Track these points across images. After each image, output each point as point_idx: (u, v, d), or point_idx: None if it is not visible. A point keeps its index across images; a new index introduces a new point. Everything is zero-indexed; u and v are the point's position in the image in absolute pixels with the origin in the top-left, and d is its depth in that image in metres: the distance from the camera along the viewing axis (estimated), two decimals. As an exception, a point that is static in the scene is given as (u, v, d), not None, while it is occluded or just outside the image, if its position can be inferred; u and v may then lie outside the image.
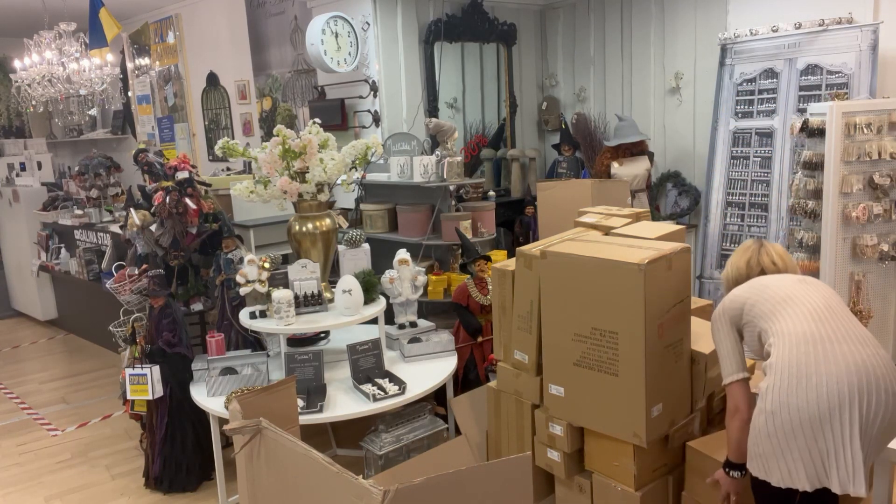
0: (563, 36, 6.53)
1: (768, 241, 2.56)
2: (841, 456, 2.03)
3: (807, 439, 2.06)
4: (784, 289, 2.30)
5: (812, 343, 2.13)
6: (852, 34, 4.51)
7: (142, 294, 3.89)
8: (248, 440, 1.88)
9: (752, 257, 2.50)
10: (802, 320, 2.18)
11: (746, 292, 2.35)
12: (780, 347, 2.16)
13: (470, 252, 4.03)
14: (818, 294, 2.27)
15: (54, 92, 6.22)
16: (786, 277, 2.38)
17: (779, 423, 2.09)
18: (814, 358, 2.10)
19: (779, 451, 2.10)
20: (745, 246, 2.56)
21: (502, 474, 1.58)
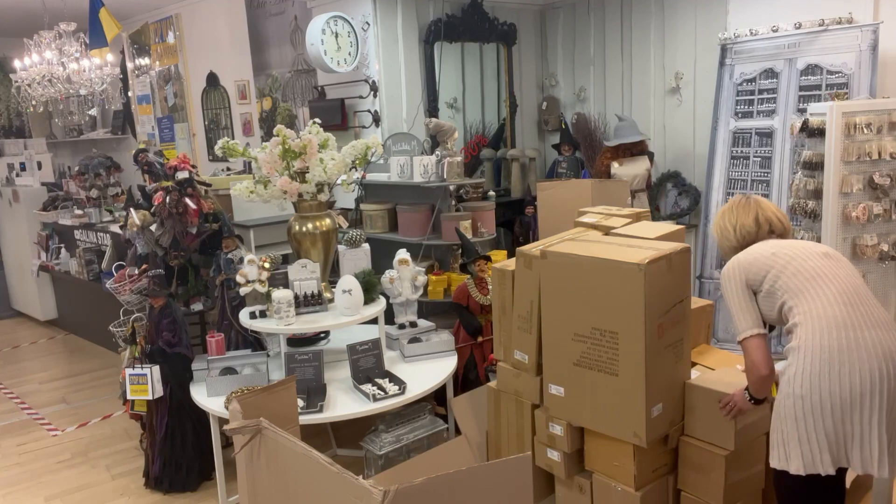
0: (563, 36, 6.53)
1: (754, 195, 2.52)
2: (867, 439, 2.10)
3: (835, 423, 2.11)
4: (811, 263, 2.25)
5: (843, 328, 2.14)
6: (852, 34, 4.50)
7: (142, 294, 3.89)
8: (248, 440, 1.88)
9: (758, 214, 2.43)
10: (833, 303, 2.18)
11: (770, 259, 2.28)
12: (811, 331, 2.17)
13: (470, 252, 4.03)
14: (844, 273, 2.26)
15: (54, 92, 6.21)
16: (809, 248, 2.32)
17: (808, 407, 2.13)
18: (846, 344, 2.13)
19: (804, 435, 2.14)
20: (738, 203, 2.48)
21: (502, 474, 1.58)
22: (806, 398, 2.14)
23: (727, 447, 2.55)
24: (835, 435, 2.12)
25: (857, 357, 2.12)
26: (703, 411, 2.61)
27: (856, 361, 2.11)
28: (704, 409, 2.60)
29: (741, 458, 2.60)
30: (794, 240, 2.40)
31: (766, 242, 2.37)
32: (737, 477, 2.60)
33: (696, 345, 3.12)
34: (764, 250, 2.32)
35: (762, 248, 2.34)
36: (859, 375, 2.10)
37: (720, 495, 2.57)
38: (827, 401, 2.11)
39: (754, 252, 2.34)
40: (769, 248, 2.33)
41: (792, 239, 2.43)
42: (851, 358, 2.12)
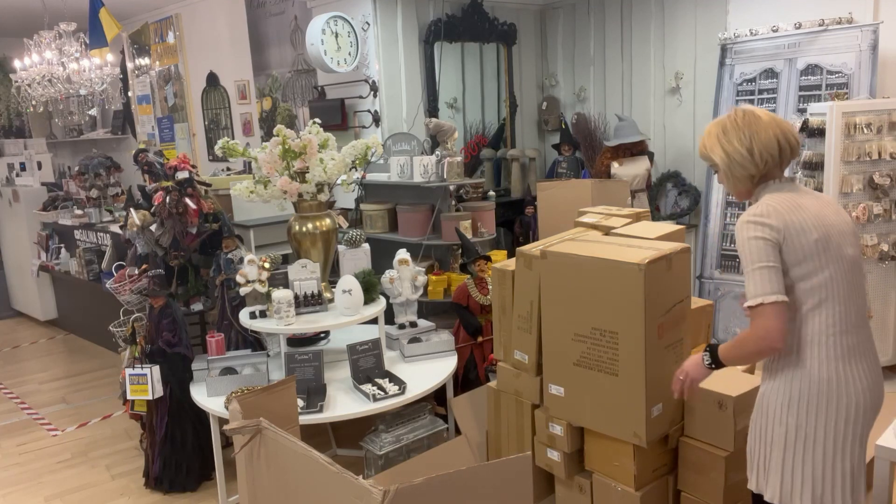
0: (563, 36, 6.53)
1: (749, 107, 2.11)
2: (848, 476, 1.98)
3: (825, 458, 1.97)
4: (845, 272, 1.96)
5: (845, 359, 1.96)
6: (852, 34, 4.51)
7: (142, 294, 3.89)
8: (248, 440, 1.88)
9: (777, 132, 2.01)
10: (844, 330, 1.96)
11: (814, 247, 1.93)
12: (817, 357, 1.96)
13: (470, 252, 4.03)
14: (860, 282, 2.01)
15: (54, 92, 6.21)
16: (824, 209, 1.99)
17: (801, 438, 1.97)
18: (844, 378, 1.96)
19: (789, 466, 2.00)
20: (745, 118, 2.04)
21: (502, 474, 1.58)
22: (801, 428, 1.97)
23: (727, 448, 2.55)
24: (821, 471, 1.97)
25: (853, 391, 1.96)
26: (702, 412, 2.61)
27: (852, 396, 1.96)
28: (704, 410, 2.60)
29: (741, 459, 2.60)
30: (825, 204, 2.03)
31: (803, 208, 1.96)
32: (737, 477, 2.60)
33: (696, 345, 3.12)
34: (807, 224, 1.93)
35: (805, 220, 1.94)
36: (854, 412, 1.96)
37: (720, 495, 2.57)
38: (821, 434, 1.95)
39: (799, 218, 1.93)
40: (813, 229, 1.94)
41: (813, 192, 2.09)
42: (849, 392, 1.96)
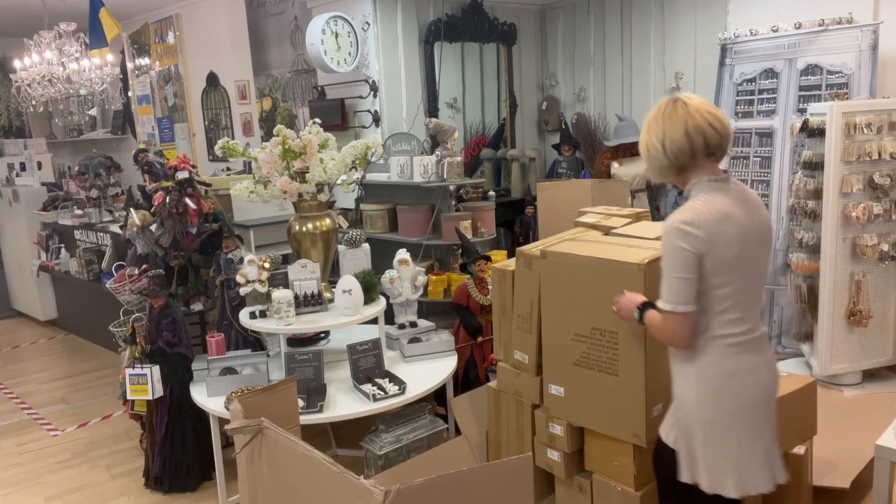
0: (563, 36, 6.53)
1: (683, 95, 2.07)
2: (763, 455, 2.10)
3: (740, 445, 2.06)
4: (742, 247, 1.99)
5: (748, 353, 2.06)
6: (852, 34, 4.51)
7: (142, 294, 3.89)
8: (249, 440, 1.88)
9: (687, 123, 1.99)
10: (741, 317, 2.04)
11: (733, 262, 1.98)
12: (720, 350, 2.05)
13: (470, 252, 4.03)
14: (758, 256, 2.07)
15: (54, 92, 6.21)
16: (748, 214, 2.03)
17: (718, 430, 2.06)
18: (748, 370, 2.06)
19: (712, 458, 2.07)
20: (664, 110, 2.04)
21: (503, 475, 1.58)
22: (717, 422, 2.05)
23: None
24: (739, 458, 2.06)
25: (756, 380, 2.07)
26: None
27: (758, 384, 2.07)
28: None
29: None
30: (749, 207, 2.05)
31: (731, 219, 1.98)
32: (737, 477, 2.60)
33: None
34: (732, 238, 1.98)
35: (731, 233, 1.97)
36: (754, 398, 2.06)
37: (720, 495, 2.56)
38: (734, 424, 2.04)
39: (726, 230, 1.97)
40: (736, 244, 1.98)
41: (736, 183, 2.09)
42: (754, 381, 2.06)
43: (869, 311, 4.13)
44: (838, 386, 4.25)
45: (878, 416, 3.52)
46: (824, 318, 4.15)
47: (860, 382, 4.27)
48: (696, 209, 1.98)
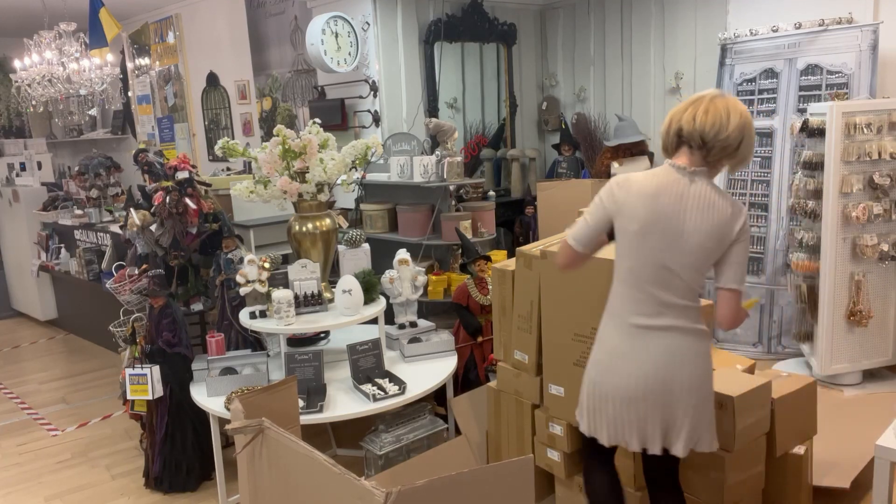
0: (563, 36, 6.53)
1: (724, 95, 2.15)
2: (635, 425, 2.22)
3: (616, 410, 2.23)
4: (644, 229, 2.13)
5: (635, 337, 2.19)
6: (852, 34, 4.51)
7: (142, 294, 3.89)
8: (250, 440, 1.88)
9: (684, 116, 2.14)
10: (633, 298, 2.18)
11: (621, 200, 2.17)
12: (611, 324, 2.24)
13: (470, 252, 4.03)
14: (676, 256, 2.13)
15: (54, 92, 6.21)
16: (683, 211, 2.11)
17: (597, 392, 2.26)
18: (632, 352, 2.19)
19: (593, 411, 2.29)
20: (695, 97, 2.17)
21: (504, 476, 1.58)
22: (598, 385, 2.24)
23: (727, 448, 2.55)
24: (615, 420, 2.22)
25: (637, 364, 2.17)
26: (703, 411, 2.61)
27: (638, 367, 2.17)
28: (705, 410, 2.60)
29: (741, 459, 2.61)
30: (704, 208, 2.12)
31: (655, 199, 2.13)
32: (737, 477, 2.60)
33: (697, 345, 3.12)
34: (638, 214, 2.13)
35: (640, 210, 2.13)
36: (633, 378, 2.17)
37: (720, 495, 2.57)
38: (612, 393, 2.20)
39: (639, 205, 2.13)
40: (637, 221, 2.14)
41: (705, 184, 2.14)
42: (635, 363, 2.17)
43: (869, 311, 4.13)
44: (838, 386, 4.25)
45: (878, 416, 3.52)
46: (824, 318, 4.16)
47: (860, 382, 4.27)
48: (634, 177, 2.18)
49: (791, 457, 2.84)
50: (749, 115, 2.13)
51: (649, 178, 2.16)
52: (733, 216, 2.11)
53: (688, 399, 2.17)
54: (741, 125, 2.09)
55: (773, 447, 2.76)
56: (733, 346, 4.87)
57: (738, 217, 2.12)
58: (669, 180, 2.15)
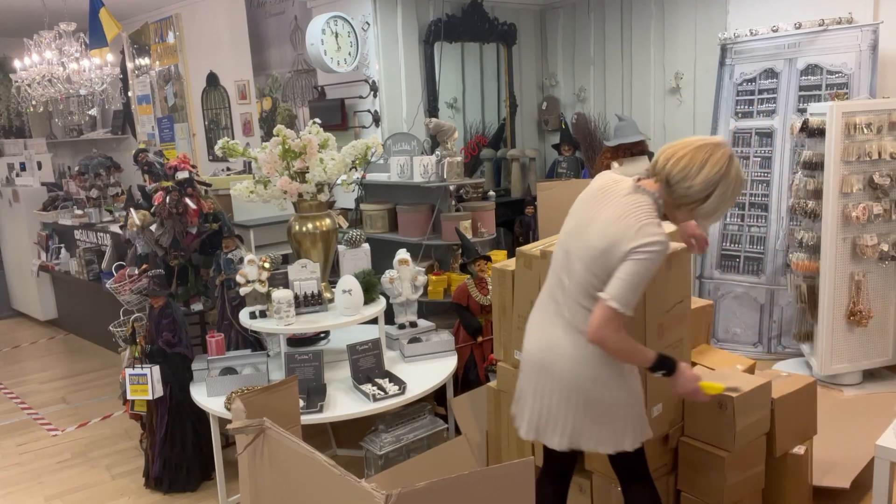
0: (563, 36, 6.53)
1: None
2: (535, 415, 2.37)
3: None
4: (565, 231, 2.34)
5: (529, 328, 2.40)
6: (852, 34, 4.51)
7: (142, 294, 3.89)
8: (251, 440, 1.88)
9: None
10: (541, 293, 2.38)
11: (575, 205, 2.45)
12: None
13: (470, 252, 4.03)
14: (575, 252, 2.25)
15: (54, 92, 6.21)
16: (600, 213, 2.20)
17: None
18: (525, 339, 2.41)
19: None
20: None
21: (505, 478, 1.58)
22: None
23: (727, 448, 2.55)
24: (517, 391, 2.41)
25: (525, 350, 2.37)
26: (703, 412, 2.61)
27: (525, 353, 2.36)
28: (704, 410, 2.60)
29: (741, 459, 2.61)
30: (606, 210, 2.21)
31: (587, 208, 2.29)
32: (737, 477, 2.60)
33: (696, 345, 3.13)
34: (569, 218, 2.38)
35: (573, 214, 2.37)
36: (526, 349, 2.37)
37: (720, 495, 2.57)
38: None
39: (574, 210, 2.37)
40: (567, 223, 2.38)
41: (628, 193, 2.21)
42: (524, 349, 2.38)
43: (869, 311, 4.13)
44: (838, 386, 4.25)
45: (878, 416, 3.53)
46: (824, 318, 4.16)
47: (860, 382, 4.27)
48: (605, 175, 2.34)
49: (791, 457, 2.84)
50: (733, 178, 2.09)
51: (602, 177, 2.32)
52: (634, 235, 2.06)
53: (559, 395, 2.23)
54: (711, 181, 2.07)
55: (773, 447, 2.77)
56: (733, 346, 4.88)
57: (635, 238, 2.06)
58: (616, 182, 2.24)
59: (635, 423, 2.27)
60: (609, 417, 2.23)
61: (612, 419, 2.23)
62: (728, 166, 2.09)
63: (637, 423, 2.27)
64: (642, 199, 2.15)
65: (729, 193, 2.11)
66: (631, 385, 2.26)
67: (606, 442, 2.25)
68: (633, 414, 2.26)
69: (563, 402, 2.23)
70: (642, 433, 2.29)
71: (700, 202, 2.11)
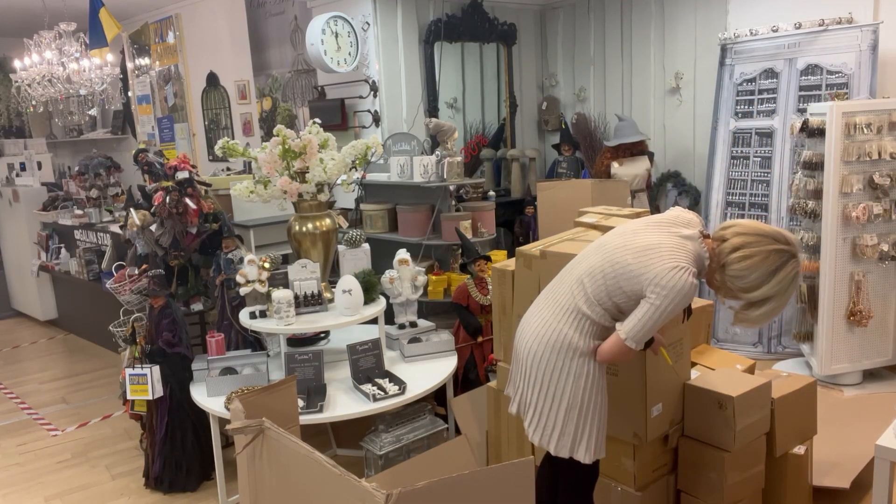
0: (563, 36, 6.53)
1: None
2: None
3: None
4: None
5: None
6: (852, 34, 4.51)
7: (142, 294, 3.89)
8: (250, 440, 1.88)
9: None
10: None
11: None
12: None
13: (470, 252, 4.03)
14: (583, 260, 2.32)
15: (54, 92, 6.21)
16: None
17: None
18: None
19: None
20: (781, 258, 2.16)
21: (505, 478, 1.58)
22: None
23: (727, 448, 2.55)
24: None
25: (524, 321, 2.40)
26: (703, 412, 2.61)
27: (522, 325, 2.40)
28: (704, 410, 2.60)
29: (741, 459, 2.61)
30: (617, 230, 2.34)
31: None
32: (737, 477, 2.60)
33: (696, 345, 3.13)
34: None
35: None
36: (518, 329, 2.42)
37: (720, 495, 2.57)
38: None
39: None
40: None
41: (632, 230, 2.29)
42: (525, 319, 2.39)
43: (869, 311, 4.13)
44: (838, 386, 4.25)
45: (878, 416, 3.53)
46: (824, 318, 4.16)
47: (860, 382, 4.27)
48: (678, 211, 2.34)
49: (791, 457, 2.84)
50: (789, 294, 2.10)
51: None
52: (664, 273, 2.05)
53: (536, 388, 2.26)
54: (767, 294, 2.09)
55: (773, 447, 2.76)
56: (733, 346, 4.87)
57: (663, 276, 2.04)
58: (682, 222, 2.21)
59: (592, 436, 2.23)
60: (565, 413, 2.23)
61: (567, 416, 2.23)
62: (791, 284, 2.10)
63: (595, 435, 2.24)
64: (692, 247, 2.12)
65: (780, 308, 2.12)
66: (598, 395, 2.25)
67: (562, 439, 2.23)
68: (591, 425, 2.23)
69: (538, 398, 2.26)
70: (599, 450, 2.26)
71: (747, 307, 2.13)
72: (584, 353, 2.19)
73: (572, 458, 2.23)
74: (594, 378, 2.21)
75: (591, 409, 2.22)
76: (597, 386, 2.23)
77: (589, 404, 2.21)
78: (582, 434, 2.21)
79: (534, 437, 2.28)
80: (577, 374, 2.20)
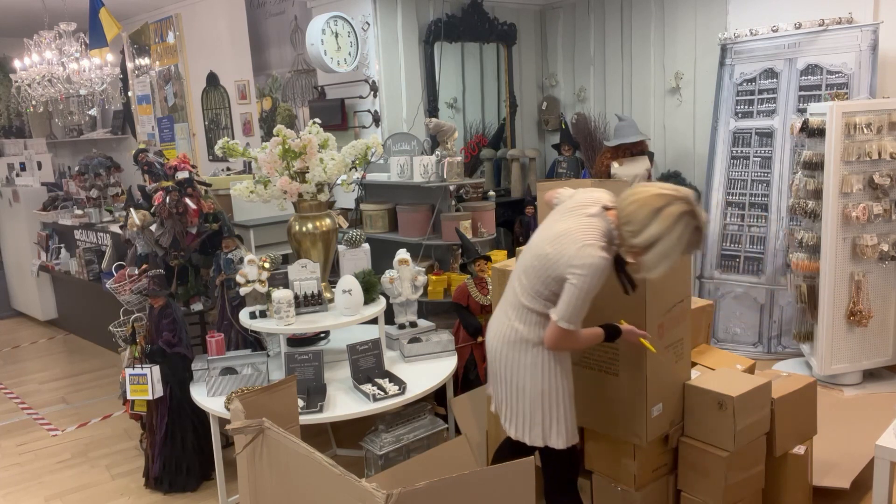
0: (563, 36, 6.53)
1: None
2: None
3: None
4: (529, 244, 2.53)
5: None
6: (852, 34, 4.51)
7: (142, 294, 3.89)
8: (250, 440, 1.88)
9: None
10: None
11: None
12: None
13: (470, 252, 4.03)
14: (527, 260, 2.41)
15: (54, 92, 6.21)
16: (553, 226, 2.41)
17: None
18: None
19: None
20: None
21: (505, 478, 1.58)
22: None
23: (727, 448, 2.55)
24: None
25: (493, 321, 2.57)
26: (703, 412, 2.61)
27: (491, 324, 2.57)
28: (704, 410, 2.60)
29: (741, 459, 2.61)
30: (558, 224, 2.42)
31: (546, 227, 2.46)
32: (737, 477, 2.60)
33: (696, 345, 3.13)
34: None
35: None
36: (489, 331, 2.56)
37: (720, 495, 2.57)
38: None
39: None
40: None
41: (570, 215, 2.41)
42: (493, 319, 2.58)
43: (869, 311, 4.13)
44: (838, 386, 4.25)
45: (878, 416, 3.53)
46: (824, 318, 4.16)
47: (860, 382, 4.27)
48: (586, 192, 2.52)
49: (791, 457, 2.84)
50: (676, 239, 2.10)
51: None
52: (574, 254, 2.19)
53: (503, 384, 2.41)
54: (653, 235, 2.11)
55: (773, 447, 2.77)
56: (733, 346, 4.88)
57: (574, 257, 2.18)
58: (590, 202, 2.33)
59: (561, 421, 2.36)
60: (530, 403, 2.35)
61: (532, 406, 2.35)
62: (675, 225, 2.09)
63: (564, 421, 2.36)
64: (598, 223, 2.23)
65: (672, 253, 2.11)
66: (558, 381, 2.36)
67: (534, 429, 2.35)
68: (558, 411, 2.35)
69: (506, 393, 2.39)
70: (571, 435, 2.38)
71: (640, 252, 2.16)
72: (536, 344, 2.32)
73: (548, 447, 2.36)
74: (549, 366, 2.33)
75: (555, 396, 2.34)
76: (553, 373, 2.34)
77: (551, 391, 2.33)
78: (551, 421, 2.34)
79: (510, 430, 2.41)
80: (533, 364, 2.33)
